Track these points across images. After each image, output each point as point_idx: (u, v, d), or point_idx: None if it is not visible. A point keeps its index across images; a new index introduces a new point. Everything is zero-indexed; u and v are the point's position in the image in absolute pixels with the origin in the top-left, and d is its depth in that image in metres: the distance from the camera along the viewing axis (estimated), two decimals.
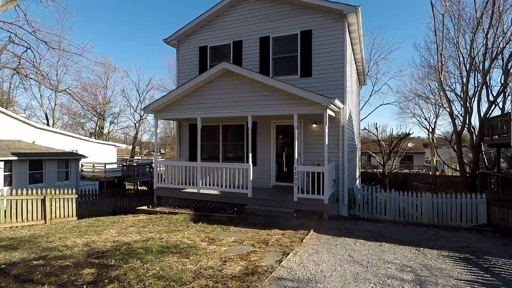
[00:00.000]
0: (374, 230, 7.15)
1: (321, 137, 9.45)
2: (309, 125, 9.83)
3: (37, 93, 38.14)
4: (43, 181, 16.70)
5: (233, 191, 8.99)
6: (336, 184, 9.44)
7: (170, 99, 9.80)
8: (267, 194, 9.18)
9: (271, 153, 10.42)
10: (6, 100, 30.59)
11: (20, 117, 19.34)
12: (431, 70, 26.49)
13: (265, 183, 10.40)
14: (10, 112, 18.76)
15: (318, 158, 9.34)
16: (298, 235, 6.21)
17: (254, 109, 8.72)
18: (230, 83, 9.12)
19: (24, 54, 12.14)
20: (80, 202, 10.90)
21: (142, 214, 9.28)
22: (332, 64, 9.55)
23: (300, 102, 8.14)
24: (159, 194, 10.31)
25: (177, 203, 10.05)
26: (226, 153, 11.36)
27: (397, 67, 66.70)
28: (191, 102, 9.68)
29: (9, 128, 18.56)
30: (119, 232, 6.81)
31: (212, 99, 9.34)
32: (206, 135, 11.62)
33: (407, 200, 10.29)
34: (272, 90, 8.49)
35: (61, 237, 6.53)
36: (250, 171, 8.67)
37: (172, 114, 10.03)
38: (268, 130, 10.46)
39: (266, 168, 10.44)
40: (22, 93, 46.54)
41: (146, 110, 10.15)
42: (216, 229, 6.98)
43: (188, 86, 9.37)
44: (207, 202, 9.51)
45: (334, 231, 6.90)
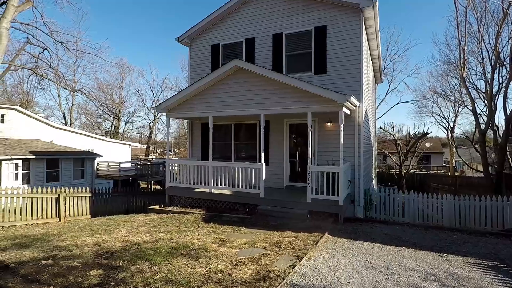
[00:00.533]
0: (392, 233, 6.80)
1: (336, 136, 9.15)
2: (324, 124, 9.52)
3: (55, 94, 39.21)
4: (60, 179, 17.02)
5: (245, 191, 8.81)
6: (352, 185, 9.10)
7: (182, 98, 9.70)
8: (280, 195, 8.95)
9: (284, 152, 10.17)
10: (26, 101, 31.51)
11: (39, 117, 19.82)
12: (451, 66, 25.54)
13: (278, 183, 10.16)
14: (29, 112, 19.25)
15: (333, 158, 9.03)
16: (312, 238, 5.95)
17: (267, 108, 8.50)
18: (242, 81, 8.93)
19: (41, 55, 12.35)
20: (94, 200, 10.96)
21: (154, 214, 9.23)
22: (348, 60, 9.22)
23: (315, 100, 7.86)
24: (171, 194, 10.24)
25: (189, 202, 9.95)
26: (238, 153, 11.20)
27: (414, 64, 64.85)
28: (203, 101, 9.56)
29: (28, 127, 19.04)
30: (129, 232, 6.73)
31: (224, 97, 9.18)
32: (218, 134, 11.49)
33: (427, 202, 9.83)
34: (286, 88, 8.25)
35: (73, 236, 6.51)
36: (262, 171, 8.46)
37: (184, 113, 9.94)
38: (281, 129, 10.22)
39: (279, 168, 10.20)
40: (41, 94, 47.94)
41: (158, 109, 10.10)
42: (228, 230, 6.80)
43: (200, 84, 9.24)
44: (219, 202, 9.36)
45: (350, 234, 6.60)
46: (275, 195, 8.88)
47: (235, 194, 9.03)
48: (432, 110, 40.65)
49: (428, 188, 25.23)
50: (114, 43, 76.51)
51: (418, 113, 54.76)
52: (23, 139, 18.01)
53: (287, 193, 9.29)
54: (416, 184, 27.49)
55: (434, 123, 48.81)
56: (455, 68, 23.71)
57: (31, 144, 17.43)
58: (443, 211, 9.64)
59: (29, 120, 19.08)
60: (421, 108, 39.48)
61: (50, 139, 19.88)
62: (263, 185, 8.52)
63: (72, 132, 21.96)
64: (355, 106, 8.91)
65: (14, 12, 8.81)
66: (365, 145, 10.50)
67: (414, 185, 27.26)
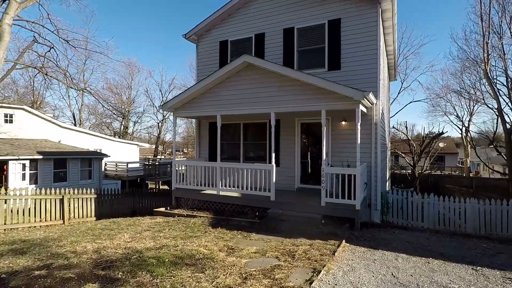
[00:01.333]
0: (415, 241, 6.25)
1: (351, 135, 8.64)
2: (338, 123, 9.00)
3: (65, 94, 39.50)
4: (67, 179, 16.88)
5: (255, 194, 8.36)
6: (368, 187, 8.56)
7: (189, 96, 9.31)
8: (291, 198, 8.47)
9: (295, 153, 9.69)
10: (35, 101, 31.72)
11: (47, 116, 19.77)
12: (470, 62, 24.57)
13: (289, 185, 9.68)
14: (37, 112, 19.21)
15: (348, 158, 8.51)
16: (328, 246, 5.46)
17: (278, 106, 8.04)
18: (252, 77, 8.49)
19: (48, 54, 12.17)
20: (99, 202, 10.68)
21: (160, 217, 8.86)
22: (364, 55, 8.68)
23: (329, 97, 7.36)
24: (177, 195, 9.86)
25: (196, 205, 9.55)
26: (247, 153, 10.76)
27: (428, 62, 63.14)
28: (211, 99, 9.15)
29: (37, 127, 19.00)
30: (132, 237, 6.35)
31: (232, 95, 8.76)
32: (226, 134, 11.08)
33: (448, 205, 9.22)
34: (298, 84, 7.77)
35: (73, 241, 6.17)
36: (273, 172, 8.00)
37: (190, 111, 9.55)
38: (292, 128, 9.73)
39: (290, 169, 9.72)
40: (50, 95, 48.14)
41: (164, 108, 9.73)
42: (236, 236, 6.36)
43: (207, 82, 8.84)
44: (227, 204, 8.94)
45: (369, 241, 6.08)
46: (286, 197, 8.41)
47: (244, 197, 8.59)
48: (445, 109, 39.52)
49: (443, 190, 24.35)
50: (123, 44, 77.09)
51: (431, 112, 53.32)
52: (31, 139, 17.96)
53: (299, 195, 8.80)
54: (430, 186, 26.58)
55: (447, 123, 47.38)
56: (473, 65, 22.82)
57: (39, 144, 17.34)
58: (466, 216, 9.02)
59: (37, 120, 19.03)
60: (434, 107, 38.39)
61: (58, 139, 19.81)
62: (273, 188, 8.06)
63: (80, 132, 21.89)
64: (372, 104, 8.37)
65: (17, 8, 8.57)
66: (381, 145, 9.94)
67: (428, 186, 26.34)
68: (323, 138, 7.50)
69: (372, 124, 8.55)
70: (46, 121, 19.53)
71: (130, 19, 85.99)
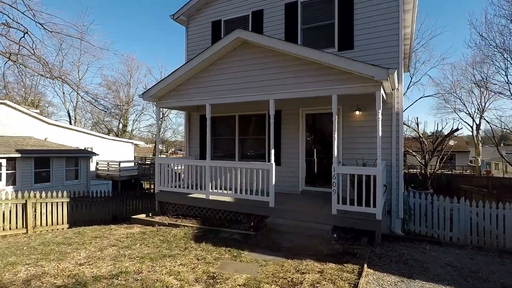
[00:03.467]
0: (457, 263, 4.77)
1: (366, 128, 7.16)
2: (350, 113, 7.51)
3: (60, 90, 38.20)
4: (50, 180, 15.53)
5: (251, 199, 6.91)
6: (388, 191, 7.07)
7: (173, 82, 7.87)
8: (295, 203, 7.00)
9: (299, 149, 8.21)
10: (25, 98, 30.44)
11: (32, 112, 18.45)
12: (491, 50, 22.79)
13: (292, 187, 8.21)
14: (21, 108, 17.88)
15: (363, 156, 7.03)
16: (345, 275, 3.98)
17: (278, 91, 6.57)
18: (247, 58, 7.03)
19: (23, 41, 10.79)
20: (72, 206, 9.27)
21: (138, 225, 7.43)
22: (383, 30, 7.18)
23: (342, 78, 5.88)
24: (161, 200, 8.44)
25: (183, 211, 8.12)
26: (244, 150, 9.30)
27: (439, 55, 60.41)
28: (198, 85, 7.71)
29: (21, 124, 17.68)
30: (89, 257, 4.92)
31: (224, 80, 7.31)
32: (219, 128, 9.64)
33: (483, 211, 7.69)
34: (302, 64, 6.30)
35: (9, 262, 4.75)
36: (272, 173, 6.53)
37: (176, 101, 8.11)
38: (296, 120, 8.25)
39: (293, 169, 8.25)
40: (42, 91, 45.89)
41: (145, 97, 8.29)
42: (223, 255, 4.91)
43: (194, 64, 7.39)
44: (218, 211, 7.49)
45: (398, 264, 4.60)
46: (288, 203, 6.94)
47: (238, 202, 7.15)
48: (455, 106, 37.81)
49: (458, 191, 22.72)
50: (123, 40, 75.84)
51: (440, 109, 51.44)
52: (13, 136, 16.63)
53: (304, 200, 7.33)
54: (442, 186, 24.95)
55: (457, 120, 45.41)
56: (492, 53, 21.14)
57: (22, 142, 16.02)
58: (506, 225, 7.49)
59: (21, 116, 17.71)
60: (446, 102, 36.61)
61: (45, 137, 18.49)
62: (273, 191, 6.60)
63: (69, 129, 20.54)
64: (393, 89, 6.87)
65: None
66: None
67: (440, 187, 24.72)
68: (334, 131, 6.01)
69: (392, 113, 7.05)
70: (32, 117, 18.20)
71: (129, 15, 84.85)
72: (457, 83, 35.60)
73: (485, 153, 41.23)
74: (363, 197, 5.67)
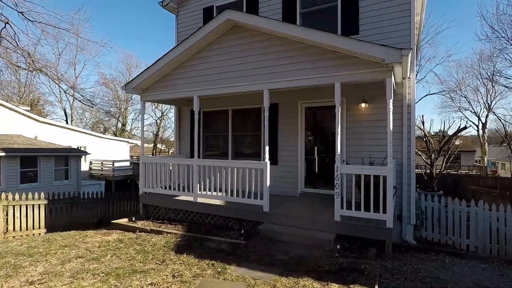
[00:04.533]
0: (487, 282, 3.96)
1: (373, 122, 6.36)
2: (355, 106, 6.70)
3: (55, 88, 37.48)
4: (38, 180, 14.79)
5: (243, 202, 6.12)
6: (398, 193, 6.26)
7: (159, 72, 7.10)
8: (293, 207, 6.20)
9: (298, 147, 7.41)
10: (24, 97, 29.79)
11: (22, 110, 17.72)
12: (501, 43, 21.88)
13: (290, 189, 7.41)
14: (9, 104, 17.16)
15: (370, 154, 6.23)
16: None
17: (273, 79, 5.77)
18: (239, 43, 6.24)
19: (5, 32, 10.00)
20: (51, 209, 8.51)
21: (117, 231, 6.65)
22: (391, 12, 6.36)
23: (347, 63, 5.08)
24: (146, 202, 7.66)
25: (169, 215, 7.35)
26: (238, 148, 8.52)
27: (444, 51, 59.22)
28: (185, 75, 6.94)
29: (9, 122, 16.97)
30: (45, 272, 4.14)
31: (213, 68, 6.52)
32: (212, 124, 8.87)
33: (504, 216, 6.85)
34: (301, 48, 5.51)
35: None
36: (266, 173, 5.74)
37: (161, 92, 7.33)
38: (295, 114, 7.45)
39: (292, 169, 7.45)
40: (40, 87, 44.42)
41: (128, 89, 7.51)
42: (205, 271, 4.11)
43: (180, 50, 6.61)
44: (207, 216, 6.70)
45: (415, 284, 3.79)
46: (285, 207, 6.14)
47: (228, 206, 6.36)
48: (460, 104, 36.93)
49: (465, 192, 21.85)
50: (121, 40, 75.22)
51: (444, 108, 50.47)
52: (1, 135, 15.92)
53: (303, 204, 6.52)
54: (449, 187, 24.07)
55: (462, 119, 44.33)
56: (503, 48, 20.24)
57: (9, 140, 15.29)
58: None
59: (10, 114, 17.00)
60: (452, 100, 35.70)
61: (35, 135, 17.77)
62: (267, 193, 5.80)
63: (61, 128, 19.80)
64: (404, 78, 6.06)
65: None
66: None
67: (446, 187, 23.85)
68: (337, 125, 5.20)
69: (403, 106, 6.23)
70: (21, 115, 17.48)
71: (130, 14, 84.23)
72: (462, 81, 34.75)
73: (491, 153, 40.21)
74: (371, 201, 4.87)
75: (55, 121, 20.78)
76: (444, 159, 23.29)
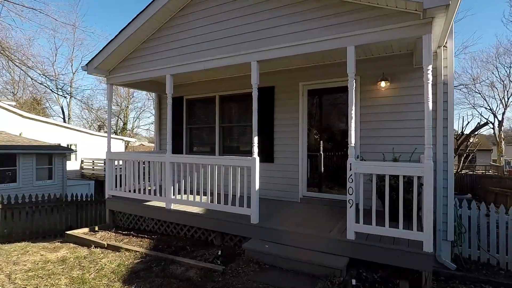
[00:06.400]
0: None
1: (396, 107, 4.87)
2: (372, 87, 5.18)
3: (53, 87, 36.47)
4: (17, 180, 13.53)
5: (225, 210, 4.68)
6: None
7: (124, 46, 5.70)
8: (291, 218, 4.71)
9: (299, 140, 5.91)
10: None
11: (4, 104, 16.54)
12: None
13: (288, 192, 5.93)
14: None
15: (393, 147, 4.72)
16: None
17: (264, 47, 4.31)
18: (218, 3, 4.79)
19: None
20: (7, 215, 7.17)
21: (68, 245, 5.26)
22: None
23: (365, 18, 3.60)
24: (112, 208, 6.27)
25: (139, 224, 5.94)
26: (227, 142, 7.09)
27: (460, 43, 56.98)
28: (156, 50, 5.53)
29: None
30: None
31: (188, 39, 5.11)
32: (196, 114, 7.46)
33: None
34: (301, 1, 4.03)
35: None
36: (255, 172, 4.28)
37: (129, 73, 5.92)
38: (295, 99, 5.96)
39: (291, 167, 5.96)
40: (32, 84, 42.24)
41: (89, 70, 6.09)
42: None
43: (150, 14, 5.19)
44: (183, 227, 5.27)
45: None
46: (280, 218, 4.66)
47: (208, 215, 4.90)
48: (474, 101, 34.99)
49: (486, 193, 20.03)
50: None
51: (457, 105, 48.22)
52: None
53: (305, 213, 5.04)
54: (466, 188, 22.26)
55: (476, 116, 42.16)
56: None
57: None
58: None
59: None
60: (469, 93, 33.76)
61: (19, 132, 16.58)
62: (256, 200, 4.34)
63: (48, 124, 18.58)
64: (439, 46, 4.54)
65: None
66: None
67: (463, 189, 22.06)
68: (351, 106, 3.71)
69: (438, 83, 4.69)
70: (4, 109, 16.31)
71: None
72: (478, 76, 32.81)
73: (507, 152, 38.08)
74: (400, 212, 3.37)
75: (41, 117, 19.59)
76: (461, 158, 21.50)
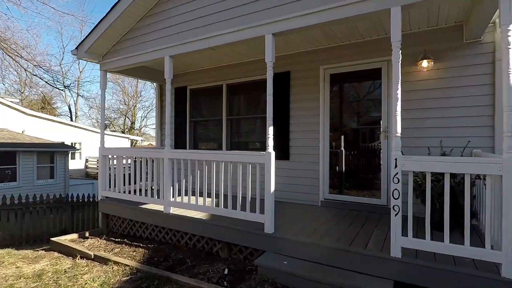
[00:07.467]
0: None
1: (442, 91, 4.00)
2: (411, 68, 4.30)
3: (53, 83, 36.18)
4: (17, 179, 13.00)
5: (233, 216, 3.87)
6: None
7: (117, 25, 4.95)
8: (313, 226, 3.86)
9: (320, 134, 5.06)
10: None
11: (8, 101, 16.11)
12: None
13: (307, 195, 5.08)
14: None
15: (441, 140, 3.84)
16: None
17: (281, 16, 3.48)
18: None
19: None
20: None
21: (52, 254, 4.54)
22: None
23: None
24: (105, 211, 5.53)
25: (134, 229, 5.18)
26: (236, 137, 6.29)
27: None
28: (154, 28, 4.77)
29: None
30: None
31: (190, 12, 4.31)
32: (199, 104, 6.68)
33: None
34: None
35: None
36: (270, 170, 3.46)
37: (123, 57, 5.17)
38: (314, 86, 5.11)
39: (309, 166, 5.11)
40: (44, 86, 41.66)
41: (79, 54, 5.37)
42: None
43: None
44: (184, 234, 4.48)
45: None
46: (299, 226, 3.82)
47: (213, 222, 4.09)
48: None
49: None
50: None
51: None
52: None
53: (328, 220, 4.18)
54: None
55: None
56: None
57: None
58: None
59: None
60: None
61: (22, 129, 16.13)
62: (271, 204, 3.51)
63: (52, 122, 18.12)
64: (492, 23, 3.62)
65: None
66: None
67: None
68: (396, 88, 2.87)
69: (495, 60, 3.79)
70: (7, 106, 15.87)
71: None
72: None
73: None
74: (466, 223, 2.50)
75: (44, 114, 19.15)
76: None
